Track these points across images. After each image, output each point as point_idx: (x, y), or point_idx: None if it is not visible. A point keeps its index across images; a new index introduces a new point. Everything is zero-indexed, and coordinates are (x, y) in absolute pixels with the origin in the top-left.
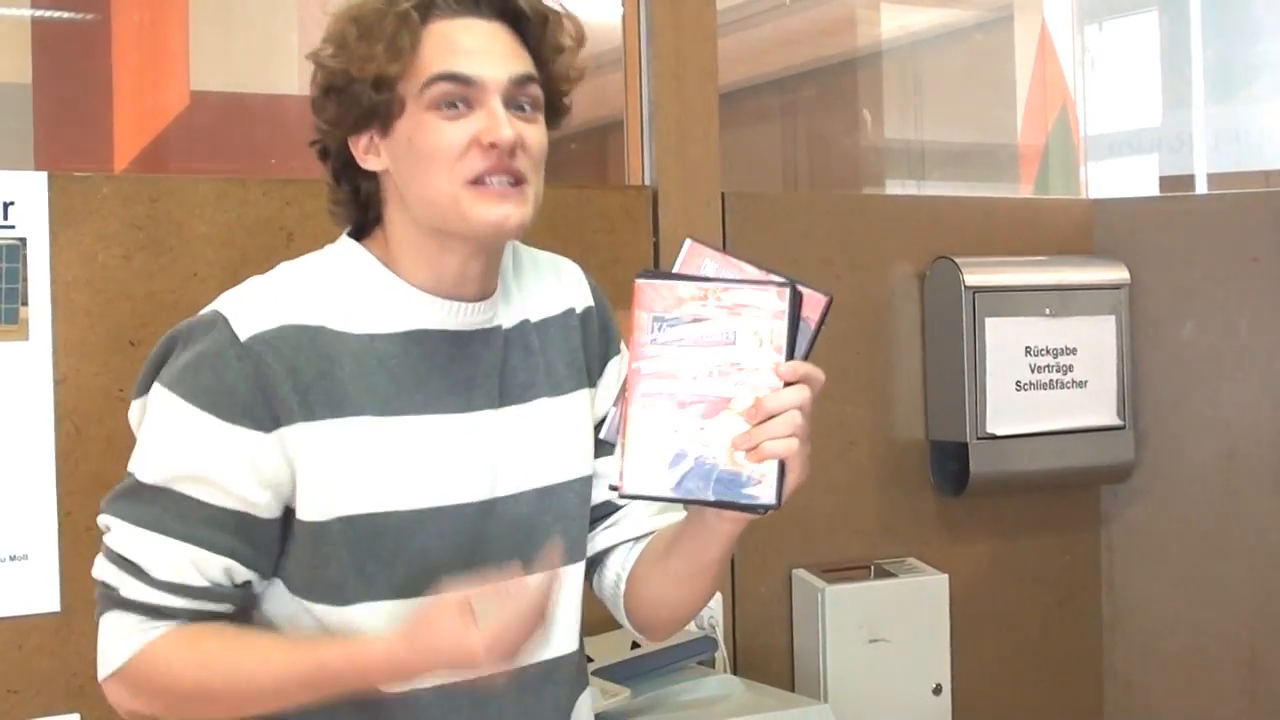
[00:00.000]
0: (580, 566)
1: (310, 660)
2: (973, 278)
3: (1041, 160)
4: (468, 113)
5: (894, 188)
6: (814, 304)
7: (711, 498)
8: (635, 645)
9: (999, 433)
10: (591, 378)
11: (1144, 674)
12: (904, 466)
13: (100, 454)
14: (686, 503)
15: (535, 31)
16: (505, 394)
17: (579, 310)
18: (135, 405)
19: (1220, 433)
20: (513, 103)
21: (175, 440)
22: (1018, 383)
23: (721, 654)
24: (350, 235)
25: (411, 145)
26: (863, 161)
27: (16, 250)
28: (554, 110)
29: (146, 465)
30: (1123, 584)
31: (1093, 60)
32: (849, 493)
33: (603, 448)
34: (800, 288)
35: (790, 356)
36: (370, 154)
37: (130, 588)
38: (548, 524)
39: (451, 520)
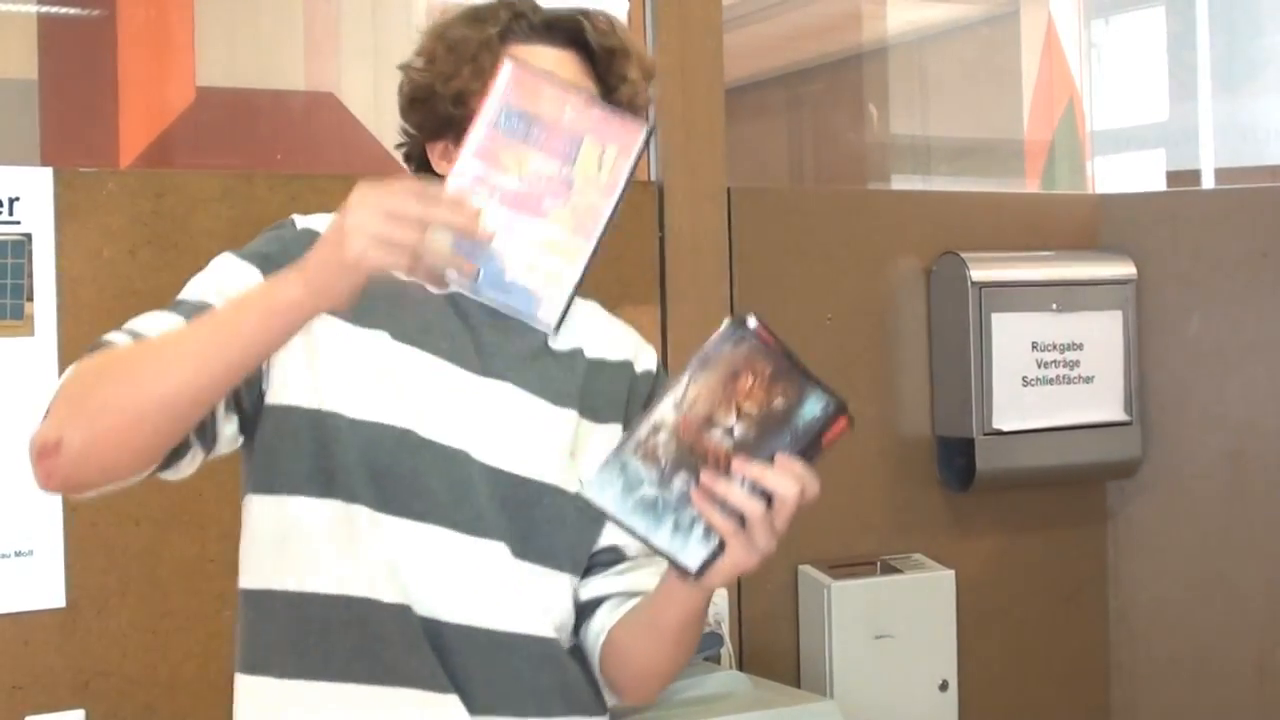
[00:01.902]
0: (566, 578)
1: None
2: (979, 273)
3: (1048, 155)
4: None
5: (900, 183)
6: (831, 425)
7: (649, 539)
8: None
9: (1005, 428)
10: (625, 423)
11: (1150, 670)
12: (910, 462)
13: None
14: (620, 525)
15: (602, 63)
16: (534, 384)
17: (638, 370)
18: None
19: (1228, 428)
20: None
21: (211, 274)
22: (1024, 378)
23: (727, 650)
24: None
25: None
26: (869, 157)
27: (22, 246)
28: None
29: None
30: (1129, 580)
31: (1099, 55)
32: (855, 489)
33: None
34: (819, 392)
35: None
36: (444, 160)
37: (110, 336)
38: (537, 518)
39: (441, 459)
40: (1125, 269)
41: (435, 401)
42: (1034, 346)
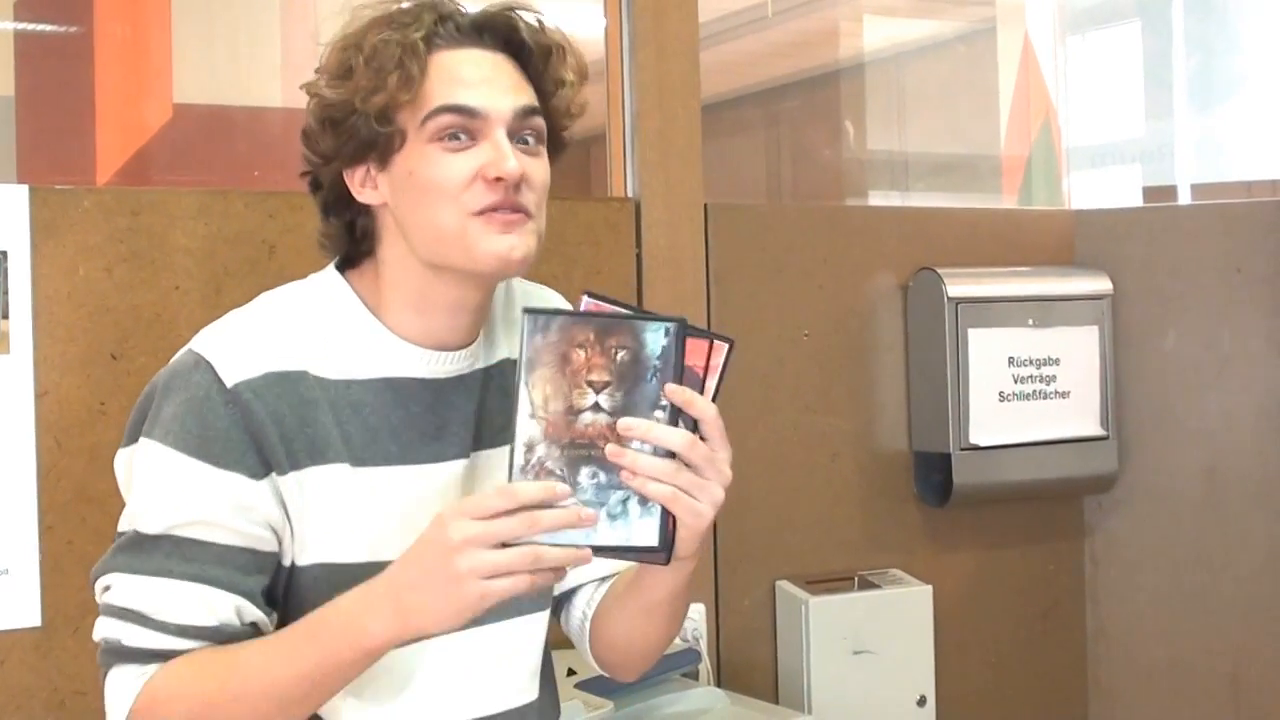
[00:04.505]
0: (545, 615)
1: (298, 628)
2: (956, 289)
3: (1025, 171)
4: (471, 145)
5: (877, 199)
6: (699, 351)
7: (594, 542)
8: None
9: (982, 443)
10: None
11: (1127, 686)
12: (887, 478)
13: (82, 468)
14: (561, 547)
15: (538, 64)
16: (480, 438)
17: None
18: (121, 456)
19: (1203, 443)
20: (516, 135)
21: (171, 489)
22: (1001, 393)
23: (705, 666)
24: (339, 265)
25: (413, 178)
26: (846, 173)
27: None
28: (553, 144)
29: (144, 517)
30: (1106, 595)
31: (1075, 71)
32: (832, 504)
33: None
34: (689, 332)
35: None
36: (367, 186)
37: (133, 636)
38: None
39: None
40: (1101, 284)
41: (396, 519)
42: (1010, 362)
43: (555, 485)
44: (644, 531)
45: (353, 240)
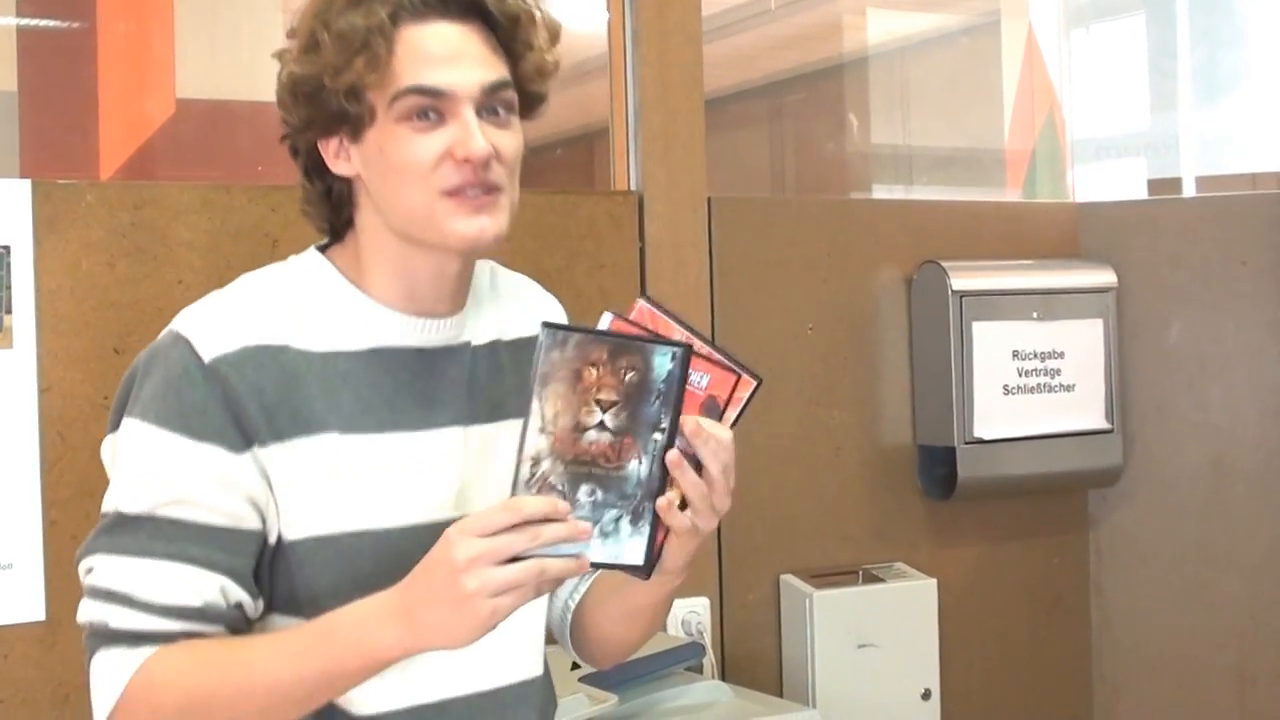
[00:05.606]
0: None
1: (305, 631)
2: (960, 282)
3: (1029, 164)
4: (439, 123)
5: (881, 192)
6: (725, 383)
7: (588, 557)
8: None
9: (987, 437)
10: None
11: (1132, 679)
12: (892, 471)
13: (85, 462)
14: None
15: (505, 31)
16: (474, 412)
17: None
18: (107, 442)
19: (1208, 436)
20: (486, 109)
21: (152, 467)
22: (1005, 387)
23: (709, 660)
24: (320, 247)
25: (383, 155)
26: (850, 166)
27: (0, 258)
28: (528, 105)
29: (126, 497)
30: (1111, 588)
31: (1080, 64)
32: (837, 498)
33: None
34: (716, 361)
35: (674, 424)
36: (340, 158)
37: (119, 618)
38: None
39: (422, 537)
40: (1106, 277)
41: (393, 484)
42: (1015, 355)
43: (557, 500)
44: (632, 550)
45: (331, 207)
